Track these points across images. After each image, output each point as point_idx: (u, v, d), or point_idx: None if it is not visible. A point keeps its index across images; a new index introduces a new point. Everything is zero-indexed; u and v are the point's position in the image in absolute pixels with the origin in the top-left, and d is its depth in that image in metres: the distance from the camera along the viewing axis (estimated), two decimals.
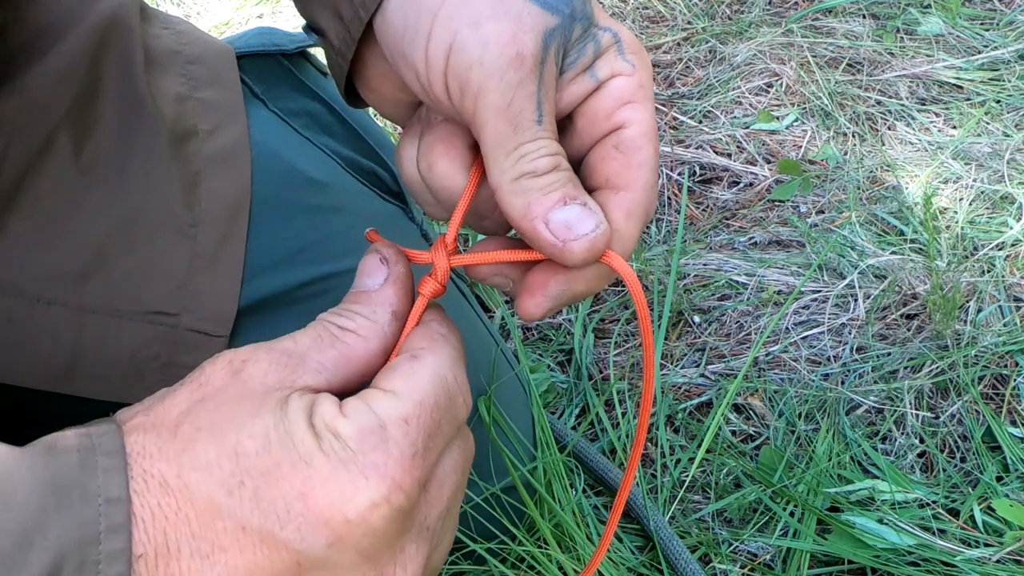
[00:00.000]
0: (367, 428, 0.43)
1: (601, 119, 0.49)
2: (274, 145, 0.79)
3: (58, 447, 0.41)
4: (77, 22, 0.68)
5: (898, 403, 1.07)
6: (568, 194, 0.47)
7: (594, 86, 0.49)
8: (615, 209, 0.48)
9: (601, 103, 0.49)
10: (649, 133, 0.49)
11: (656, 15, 1.77)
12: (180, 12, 1.96)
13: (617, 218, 0.48)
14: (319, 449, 0.42)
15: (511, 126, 0.46)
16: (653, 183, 0.50)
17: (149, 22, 0.77)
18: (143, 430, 0.43)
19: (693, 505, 1.01)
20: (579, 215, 0.47)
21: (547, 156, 0.47)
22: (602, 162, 0.49)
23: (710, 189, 1.40)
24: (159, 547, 0.40)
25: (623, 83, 0.49)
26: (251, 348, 0.46)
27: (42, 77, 0.65)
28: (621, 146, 0.49)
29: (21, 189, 0.64)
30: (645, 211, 0.49)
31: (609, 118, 0.49)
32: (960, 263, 1.22)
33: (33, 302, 0.65)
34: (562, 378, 1.15)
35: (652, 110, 0.50)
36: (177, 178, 0.70)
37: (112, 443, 0.41)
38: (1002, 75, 1.53)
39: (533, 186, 0.46)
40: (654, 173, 0.50)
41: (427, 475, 0.45)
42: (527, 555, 0.90)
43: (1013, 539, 0.92)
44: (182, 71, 0.76)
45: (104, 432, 0.42)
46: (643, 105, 0.50)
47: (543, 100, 0.47)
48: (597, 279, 0.49)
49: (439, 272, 0.50)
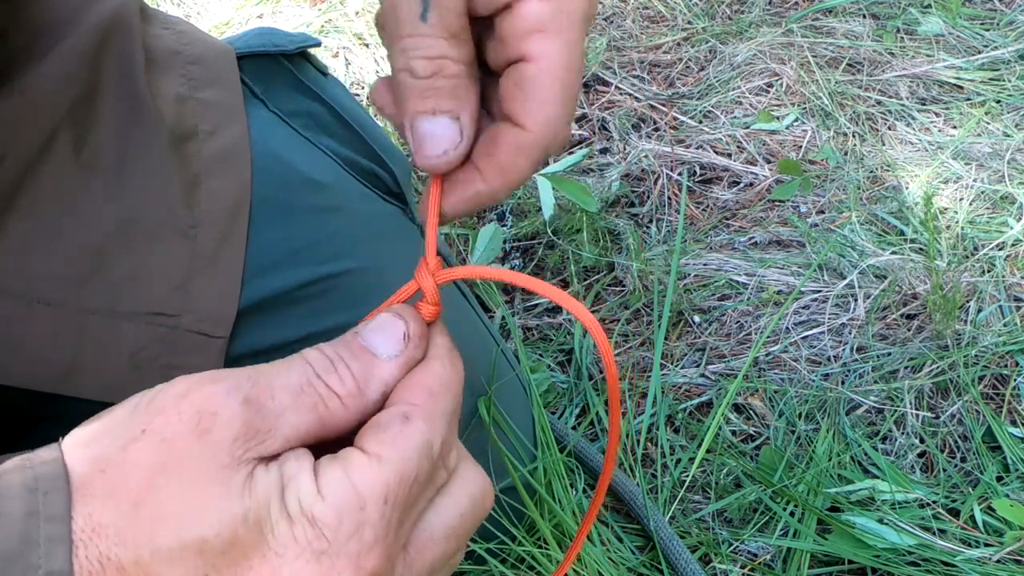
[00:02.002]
0: (345, 509, 0.42)
1: (510, 44, 0.47)
2: (274, 145, 0.79)
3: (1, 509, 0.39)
4: (77, 22, 0.68)
5: (898, 403, 1.07)
6: (439, 106, 0.47)
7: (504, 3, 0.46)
8: (504, 141, 0.47)
9: (511, 26, 0.47)
10: (556, 69, 0.46)
11: (656, 15, 1.77)
12: (180, 12, 1.96)
13: (504, 152, 0.47)
14: (292, 538, 0.41)
15: (395, 19, 0.46)
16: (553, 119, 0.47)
17: (149, 22, 0.77)
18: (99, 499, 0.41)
19: (693, 505, 1.01)
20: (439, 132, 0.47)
21: (425, 59, 0.46)
22: (505, 95, 0.47)
23: (710, 189, 1.40)
24: None
25: (535, 8, 0.46)
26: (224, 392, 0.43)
27: (42, 77, 0.65)
28: (521, 83, 0.46)
29: (21, 189, 0.64)
30: (541, 149, 0.47)
31: (516, 45, 0.46)
32: (960, 263, 1.22)
33: (32, 303, 0.64)
34: (562, 378, 1.15)
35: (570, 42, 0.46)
36: (177, 178, 0.70)
37: (58, 506, 0.40)
38: (1002, 75, 1.53)
39: (410, 85, 0.46)
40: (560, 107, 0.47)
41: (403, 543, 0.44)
42: (527, 555, 0.90)
43: (1013, 539, 0.92)
44: (182, 71, 0.76)
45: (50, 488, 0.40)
46: (557, 35, 0.46)
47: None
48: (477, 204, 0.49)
49: (429, 294, 0.50)
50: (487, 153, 0.48)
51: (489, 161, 0.48)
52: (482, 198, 0.49)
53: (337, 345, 0.46)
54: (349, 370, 0.45)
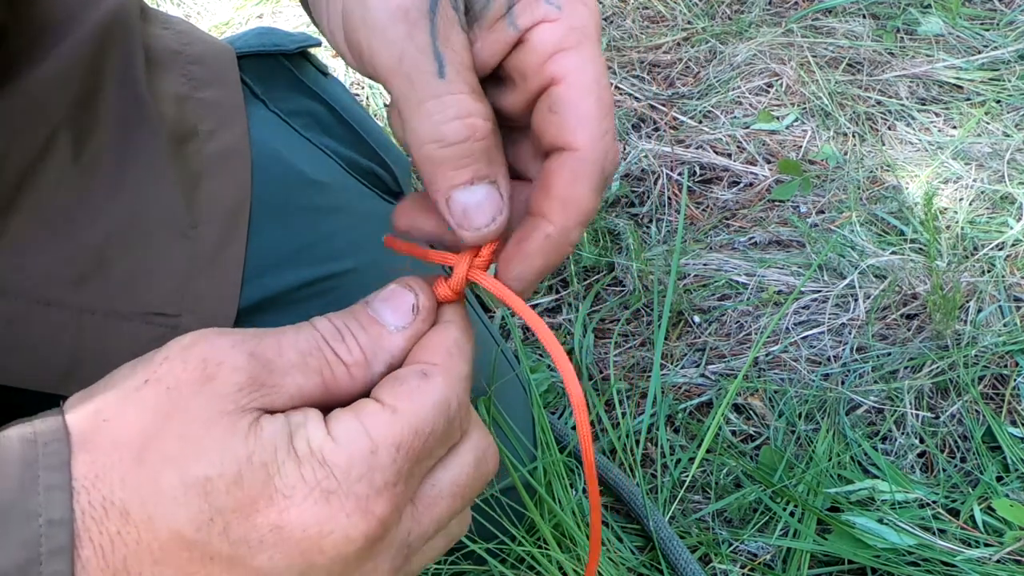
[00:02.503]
0: (357, 455, 0.41)
1: (531, 74, 0.45)
2: (274, 145, 0.79)
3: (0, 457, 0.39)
4: (78, 23, 0.68)
5: (898, 403, 1.07)
6: (478, 173, 0.44)
7: (516, 36, 0.45)
8: (557, 171, 0.45)
9: (527, 57, 0.45)
10: (586, 83, 0.44)
11: (656, 15, 1.77)
12: (180, 12, 1.96)
13: (560, 183, 0.44)
14: (301, 479, 0.40)
15: (408, 82, 0.43)
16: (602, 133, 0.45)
17: (149, 22, 0.77)
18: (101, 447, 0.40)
19: (693, 505, 1.01)
20: (481, 200, 0.44)
21: (458, 120, 0.43)
22: (542, 126, 0.45)
23: (710, 189, 1.40)
24: (118, 571, 0.39)
25: (548, 31, 0.44)
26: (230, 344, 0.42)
27: (43, 78, 0.65)
28: (555, 107, 0.44)
29: (21, 190, 0.64)
30: (598, 168, 0.45)
31: (539, 72, 0.45)
32: (960, 263, 1.22)
33: (33, 303, 0.64)
34: (562, 378, 1.15)
35: (591, 54, 0.45)
36: (177, 179, 0.70)
37: (57, 456, 0.39)
38: (1002, 75, 1.53)
39: (442, 157, 0.43)
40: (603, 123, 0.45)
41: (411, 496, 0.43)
42: (527, 555, 0.90)
43: (1013, 539, 0.92)
44: (182, 71, 0.76)
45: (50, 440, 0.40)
46: (576, 51, 0.44)
47: (442, 50, 0.43)
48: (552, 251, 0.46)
49: (456, 279, 0.48)
50: (545, 192, 0.45)
51: (548, 199, 0.45)
52: (554, 241, 0.45)
53: (346, 315, 0.46)
54: (357, 341, 0.45)
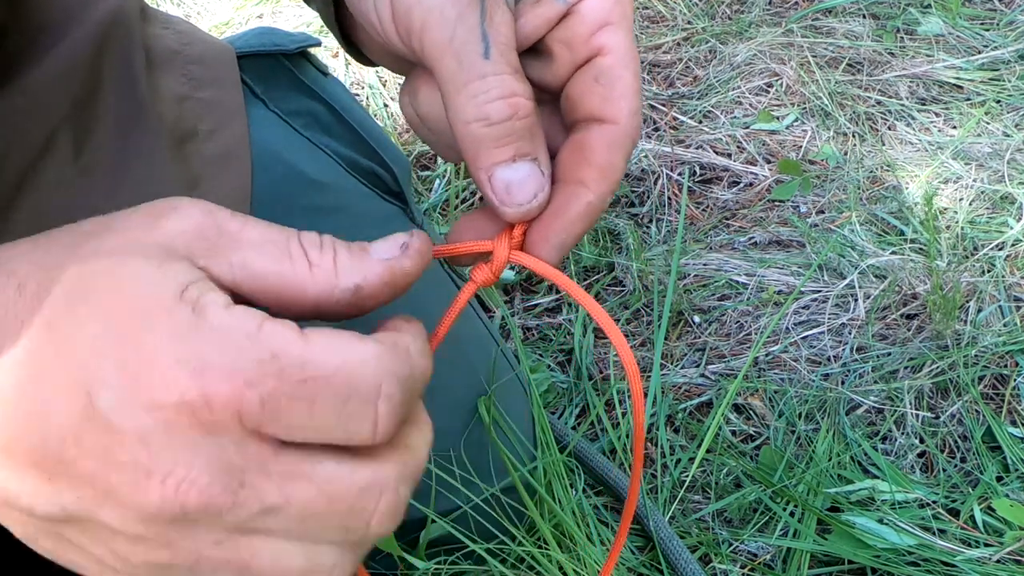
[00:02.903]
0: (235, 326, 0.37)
1: (579, 45, 0.47)
2: (274, 145, 0.79)
3: None
4: (77, 22, 0.68)
5: (898, 403, 1.07)
6: (520, 150, 0.45)
7: (563, 9, 0.47)
8: (599, 141, 0.46)
9: (576, 28, 0.47)
10: (628, 59, 0.47)
11: (656, 15, 1.77)
12: (180, 12, 1.96)
13: (601, 151, 0.46)
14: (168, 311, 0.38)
15: (456, 62, 0.44)
16: (636, 109, 0.47)
17: (149, 22, 0.77)
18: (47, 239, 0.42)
19: (693, 505, 1.01)
20: (524, 177, 0.45)
21: (501, 100, 0.44)
22: (584, 96, 0.47)
23: (710, 189, 1.40)
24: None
25: (597, 4, 0.47)
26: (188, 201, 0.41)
27: (42, 77, 0.65)
28: (601, 78, 0.46)
29: (21, 190, 0.64)
30: (631, 139, 0.47)
31: (587, 43, 0.47)
32: (960, 263, 1.22)
33: None
34: (562, 378, 1.15)
35: (630, 30, 0.47)
36: (177, 178, 0.70)
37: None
38: (1002, 75, 1.53)
39: (485, 136, 0.45)
40: (637, 98, 0.47)
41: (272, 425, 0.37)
42: (527, 555, 0.90)
43: (1013, 539, 0.92)
44: (182, 71, 0.76)
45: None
46: (620, 26, 0.47)
47: (488, 31, 0.45)
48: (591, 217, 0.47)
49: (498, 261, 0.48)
50: (584, 161, 0.47)
51: (588, 168, 0.46)
52: (594, 208, 0.47)
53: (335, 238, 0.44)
54: (333, 248, 0.42)
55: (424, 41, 0.45)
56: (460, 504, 0.85)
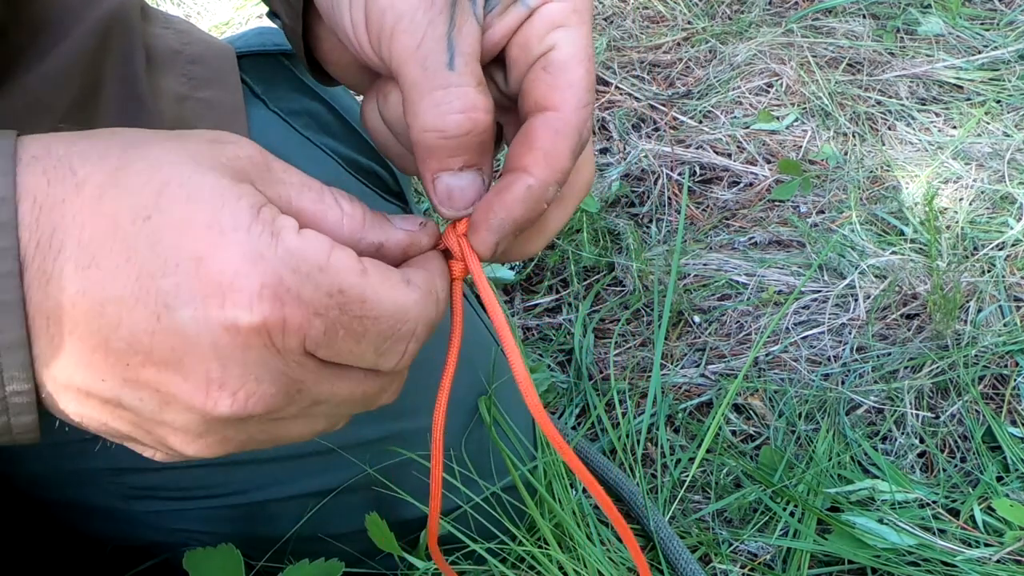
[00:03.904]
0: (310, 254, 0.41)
1: (533, 44, 0.48)
2: (274, 145, 0.78)
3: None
4: (78, 21, 0.68)
5: (898, 403, 1.07)
6: (468, 162, 0.47)
7: (526, 14, 0.48)
8: (542, 129, 0.48)
9: (532, 28, 0.48)
10: (580, 55, 0.48)
11: (656, 15, 1.77)
12: (180, 12, 1.96)
13: (544, 138, 0.47)
14: (247, 231, 0.40)
15: (421, 68, 0.46)
16: (585, 103, 0.48)
17: (150, 22, 0.77)
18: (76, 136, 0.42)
19: (693, 505, 1.01)
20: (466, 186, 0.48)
21: (462, 113, 0.46)
22: (532, 85, 0.49)
23: (710, 189, 1.40)
24: (42, 240, 0.39)
25: (555, 7, 0.48)
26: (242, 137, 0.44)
27: (43, 76, 0.65)
28: (549, 67, 0.48)
29: None
30: (577, 132, 0.48)
31: (541, 41, 0.48)
32: (960, 263, 1.22)
33: None
34: (562, 378, 1.15)
35: (586, 34, 0.49)
36: None
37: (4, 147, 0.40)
38: (1002, 75, 1.53)
39: (439, 146, 0.47)
40: (587, 94, 0.48)
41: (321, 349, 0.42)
42: (527, 555, 0.90)
43: (1013, 539, 0.92)
44: (182, 71, 0.76)
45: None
46: (575, 28, 0.49)
47: (455, 42, 0.46)
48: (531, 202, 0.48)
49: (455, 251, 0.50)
50: (528, 147, 0.48)
51: (531, 153, 0.48)
52: (535, 193, 0.48)
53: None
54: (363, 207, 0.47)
55: (392, 46, 0.46)
56: (460, 503, 0.85)
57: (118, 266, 0.39)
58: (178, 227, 0.40)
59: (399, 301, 0.44)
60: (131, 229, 0.40)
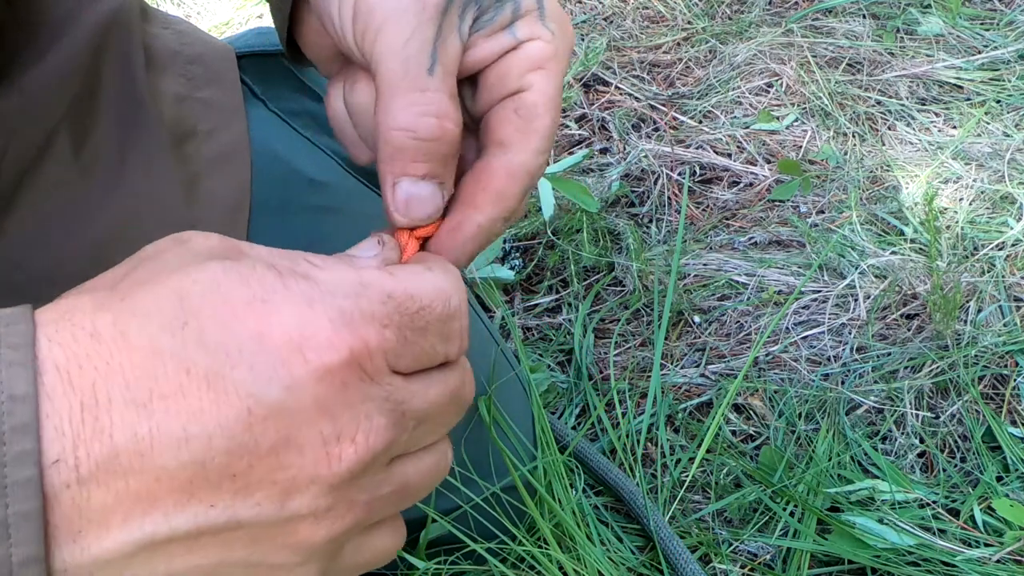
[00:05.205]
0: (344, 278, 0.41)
1: (511, 78, 0.49)
2: (274, 145, 0.79)
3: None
4: (77, 22, 0.68)
5: (898, 403, 1.07)
6: (432, 171, 0.48)
7: (512, 44, 0.49)
8: (500, 170, 0.49)
9: (513, 63, 0.49)
10: (551, 103, 0.49)
11: (656, 15, 1.77)
12: (180, 12, 1.96)
13: (499, 179, 0.49)
14: (283, 286, 0.39)
15: (402, 68, 0.46)
16: (545, 150, 0.50)
17: (149, 22, 0.77)
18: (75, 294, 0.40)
19: (693, 505, 1.01)
20: (426, 197, 0.48)
21: (435, 118, 0.46)
22: (500, 124, 0.50)
23: (710, 189, 1.40)
24: (86, 400, 0.36)
25: (539, 47, 0.49)
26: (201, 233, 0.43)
27: (42, 77, 0.65)
28: (521, 110, 0.49)
29: (20, 189, 0.64)
30: (531, 177, 0.50)
31: (518, 79, 0.49)
32: (960, 263, 1.22)
33: (33, 303, 0.64)
34: (562, 378, 1.15)
35: (560, 81, 0.50)
36: (177, 178, 0.70)
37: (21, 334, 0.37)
38: (1002, 75, 1.53)
39: (407, 147, 0.47)
40: (548, 142, 0.50)
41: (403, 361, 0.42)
42: (527, 555, 0.90)
43: (1013, 539, 0.92)
44: (182, 71, 0.76)
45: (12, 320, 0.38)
46: (552, 74, 0.50)
47: (438, 51, 0.47)
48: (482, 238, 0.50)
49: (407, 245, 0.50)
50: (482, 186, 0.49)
51: (484, 193, 0.49)
52: (483, 231, 0.49)
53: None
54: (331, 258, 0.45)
55: (377, 40, 0.47)
56: (460, 503, 0.85)
57: (181, 384, 0.37)
58: (219, 319, 0.38)
59: (435, 284, 0.43)
60: (174, 344, 0.38)
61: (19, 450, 0.35)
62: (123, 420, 0.37)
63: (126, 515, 0.37)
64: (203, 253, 0.41)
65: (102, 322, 0.38)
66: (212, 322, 0.38)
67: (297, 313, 0.39)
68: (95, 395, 0.37)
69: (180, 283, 0.39)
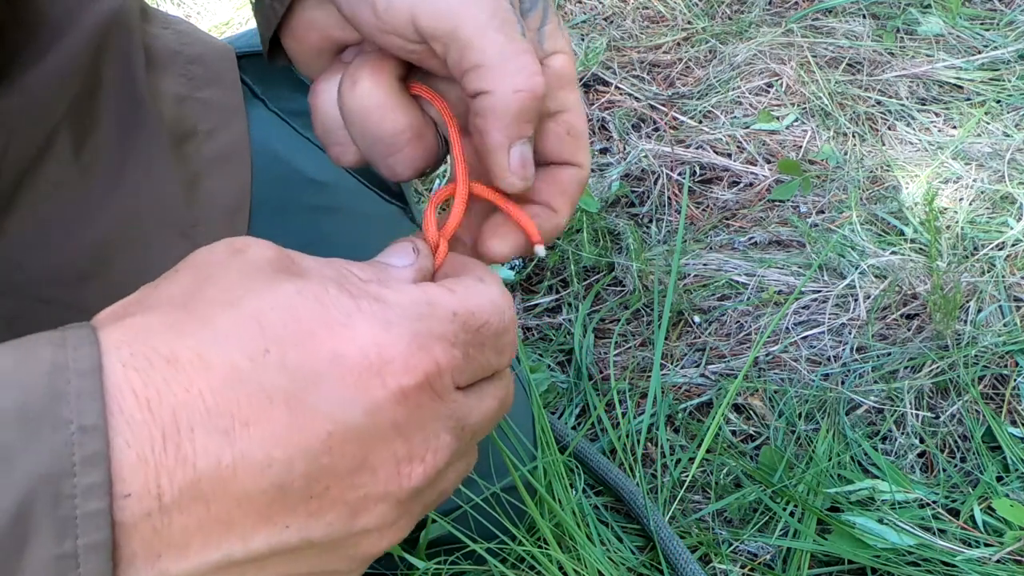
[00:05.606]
0: (414, 300, 0.42)
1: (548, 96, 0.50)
2: (274, 145, 0.79)
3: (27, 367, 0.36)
4: (77, 22, 0.68)
5: (898, 403, 1.07)
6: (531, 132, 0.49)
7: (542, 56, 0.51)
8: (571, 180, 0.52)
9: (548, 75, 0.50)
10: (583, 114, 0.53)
11: (656, 15, 1.77)
12: (180, 12, 1.96)
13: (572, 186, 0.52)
14: (357, 309, 0.40)
15: (504, 36, 0.47)
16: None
17: (149, 22, 0.77)
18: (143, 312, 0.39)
19: (693, 505, 1.01)
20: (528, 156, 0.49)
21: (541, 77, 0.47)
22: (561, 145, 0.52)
23: (710, 189, 1.40)
24: (167, 428, 0.36)
25: (565, 63, 0.51)
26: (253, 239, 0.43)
27: (42, 76, 0.65)
28: (573, 131, 0.51)
29: (21, 189, 0.64)
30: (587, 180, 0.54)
31: (554, 98, 0.51)
32: (960, 263, 1.22)
33: (33, 302, 0.64)
34: (562, 378, 1.15)
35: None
36: (177, 178, 0.70)
37: (87, 358, 0.37)
38: (1002, 75, 1.53)
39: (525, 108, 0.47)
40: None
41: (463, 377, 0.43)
42: (527, 555, 0.90)
43: (1013, 539, 0.92)
44: (182, 71, 0.76)
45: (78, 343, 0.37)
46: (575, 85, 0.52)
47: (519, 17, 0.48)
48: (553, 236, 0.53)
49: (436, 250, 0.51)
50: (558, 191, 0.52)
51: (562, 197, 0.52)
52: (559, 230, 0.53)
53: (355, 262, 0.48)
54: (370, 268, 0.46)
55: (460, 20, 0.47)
56: (460, 503, 0.85)
57: (264, 411, 0.38)
58: (299, 344, 0.39)
59: (491, 298, 0.45)
60: (256, 371, 0.38)
61: (89, 482, 0.35)
62: (206, 448, 0.37)
63: (205, 538, 0.38)
64: (264, 267, 0.41)
65: (180, 347, 0.38)
66: (293, 346, 0.39)
67: (374, 336, 0.40)
68: (176, 423, 0.37)
69: (258, 307, 0.39)
